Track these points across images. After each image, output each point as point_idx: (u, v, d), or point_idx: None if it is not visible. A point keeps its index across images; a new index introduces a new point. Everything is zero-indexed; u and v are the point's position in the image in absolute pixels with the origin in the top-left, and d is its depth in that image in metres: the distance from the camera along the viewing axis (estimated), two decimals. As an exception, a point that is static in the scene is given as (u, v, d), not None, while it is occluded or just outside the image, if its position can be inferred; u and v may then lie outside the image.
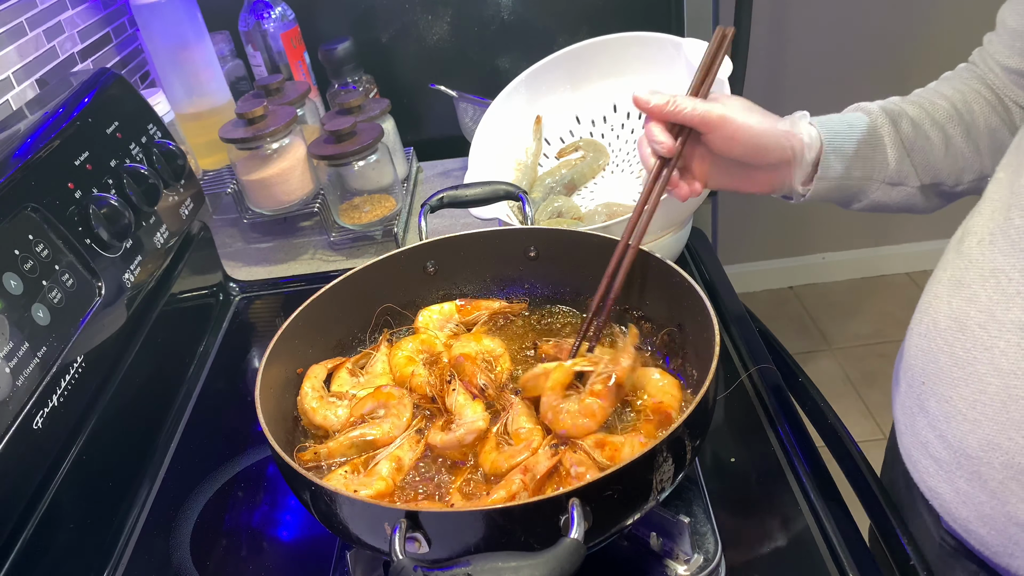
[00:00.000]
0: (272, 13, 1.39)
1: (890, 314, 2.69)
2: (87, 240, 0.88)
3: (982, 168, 0.82)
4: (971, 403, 0.66)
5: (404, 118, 1.45)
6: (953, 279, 0.71)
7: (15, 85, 1.12)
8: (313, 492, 0.63)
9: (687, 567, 0.71)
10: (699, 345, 0.75)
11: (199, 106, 1.35)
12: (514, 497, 0.64)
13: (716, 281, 1.12)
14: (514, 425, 0.72)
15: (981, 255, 0.67)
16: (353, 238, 1.29)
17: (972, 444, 0.66)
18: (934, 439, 0.71)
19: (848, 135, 0.79)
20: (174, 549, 0.83)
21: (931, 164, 0.81)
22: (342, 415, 0.77)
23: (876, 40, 2.34)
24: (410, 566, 0.53)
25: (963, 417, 0.67)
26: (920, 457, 0.73)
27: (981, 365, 0.65)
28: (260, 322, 1.20)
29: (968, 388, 0.66)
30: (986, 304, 0.65)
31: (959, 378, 0.67)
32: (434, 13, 1.51)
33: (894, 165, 0.80)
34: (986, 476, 0.65)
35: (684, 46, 1.10)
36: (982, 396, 0.65)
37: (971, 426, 0.66)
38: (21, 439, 0.72)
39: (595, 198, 1.21)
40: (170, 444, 0.97)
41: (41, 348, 0.77)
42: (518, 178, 1.23)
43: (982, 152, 0.81)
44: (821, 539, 0.75)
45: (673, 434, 0.60)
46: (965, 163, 0.81)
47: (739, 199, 2.54)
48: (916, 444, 0.74)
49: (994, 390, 0.64)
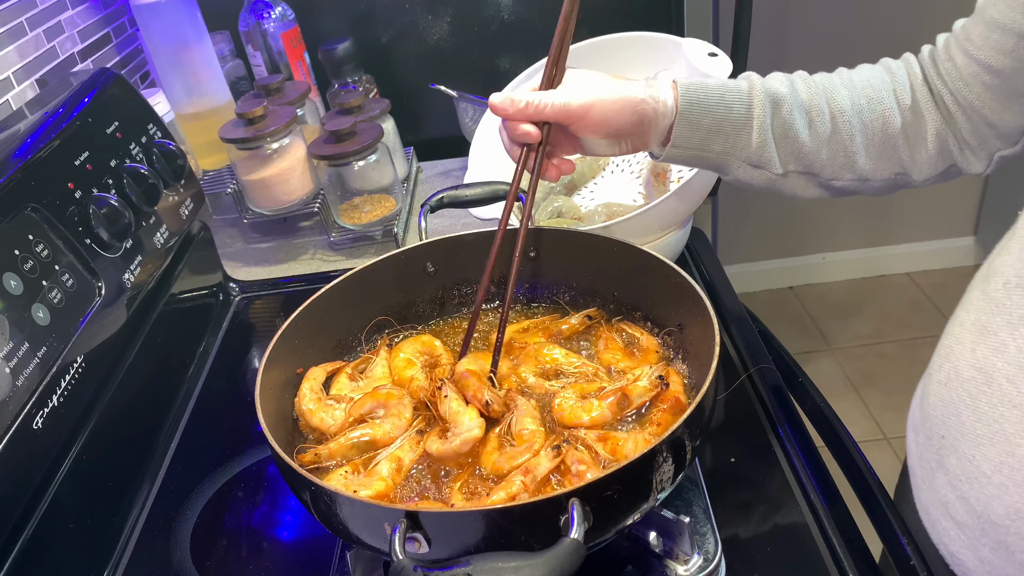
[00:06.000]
0: (272, 13, 1.39)
1: (890, 314, 2.69)
2: (87, 240, 0.88)
3: (861, 171, 0.79)
4: (997, 465, 0.60)
5: (404, 118, 1.45)
6: (978, 324, 0.65)
7: (15, 85, 1.12)
8: (313, 492, 0.63)
9: (687, 567, 0.71)
10: (699, 345, 0.75)
11: (199, 106, 1.35)
12: (514, 498, 0.64)
13: (716, 281, 1.12)
14: (518, 426, 0.72)
15: (1009, 299, 0.61)
16: (353, 238, 1.29)
17: (998, 511, 0.60)
18: (955, 500, 0.65)
19: (712, 108, 0.77)
20: (174, 549, 0.83)
21: (803, 154, 0.78)
22: (339, 417, 0.77)
23: (876, 40, 2.33)
24: (410, 566, 0.53)
25: (988, 480, 0.61)
26: (940, 517, 0.68)
27: (1010, 424, 0.59)
28: (260, 322, 1.20)
29: (994, 448, 0.60)
30: (1015, 355, 0.59)
31: (984, 436, 0.61)
32: (434, 13, 1.51)
33: (755, 148, 0.77)
34: (1014, 547, 0.59)
35: (684, 46, 1.10)
36: (1010, 459, 0.59)
37: (997, 491, 0.60)
38: (21, 439, 0.72)
39: (595, 198, 1.21)
40: (170, 444, 0.97)
41: (41, 348, 0.77)
42: (518, 178, 1.23)
43: (868, 154, 0.78)
44: (821, 539, 0.75)
45: (673, 434, 0.60)
46: (845, 161, 0.78)
47: (739, 199, 2.55)
48: (935, 502, 0.69)
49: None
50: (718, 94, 0.77)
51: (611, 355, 0.81)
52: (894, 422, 2.28)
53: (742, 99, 0.77)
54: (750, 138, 0.77)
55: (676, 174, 1.14)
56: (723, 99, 0.77)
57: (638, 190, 1.19)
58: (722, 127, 0.77)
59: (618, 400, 0.73)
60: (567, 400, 0.75)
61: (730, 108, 0.77)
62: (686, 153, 0.79)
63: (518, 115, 0.76)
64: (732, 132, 0.77)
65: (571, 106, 0.75)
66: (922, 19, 2.31)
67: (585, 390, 0.76)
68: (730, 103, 0.77)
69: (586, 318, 0.86)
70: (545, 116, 0.76)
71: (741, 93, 0.77)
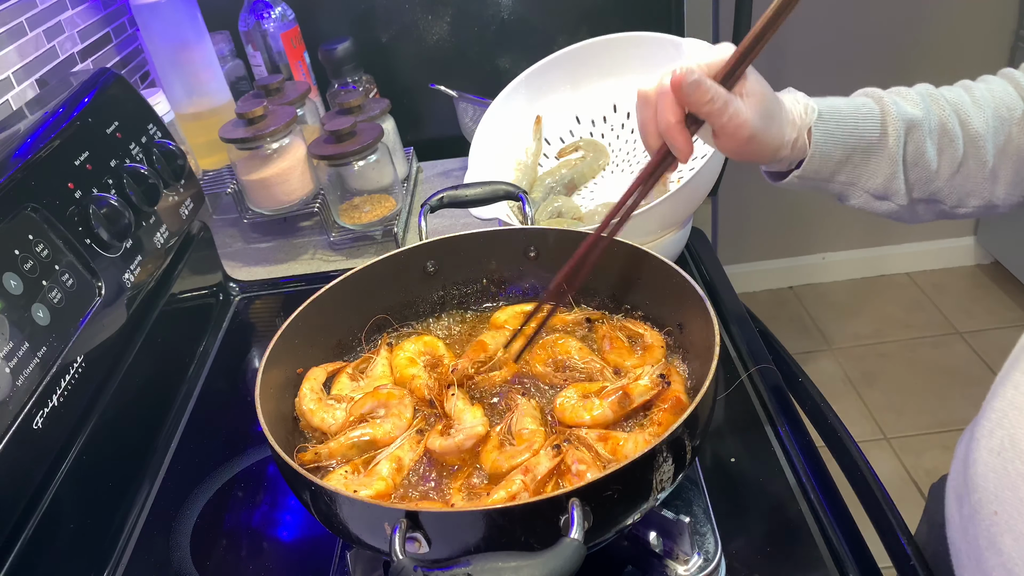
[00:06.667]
0: (272, 13, 1.39)
1: (890, 314, 2.69)
2: (87, 240, 0.88)
3: (992, 196, 0.74)
4: None
5: (404, 118, 1.45)
6: None
7: (15, 85, 1.12)
8: (313, 492, 0.63)
9: (687, 567, 0.71)
10: (699, 345, 0.75)
11: (199, 106, 1.35)
12: (514, 497, 0.64)
13: (716, 281, 1.12)
14: (518, 426, 0.73)
15: None
16: (353, 238, 1.29)
17: None
18: None
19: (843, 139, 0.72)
20: (174, 549, 0.83)
21: (931, 182, 0.74)
22: (340, 417, 0.77)
23: (877, 40, 2.34)
24: (410, 566, 0.53)
25: None
26: None
27: None
28: (260, 322, 1.20)
29: None
30: None
31: None
32: (434, 13, 1.51)
33: (883, 179, 0.74)
34: None
35: (684, 46, 1.10)
36: None
37: None
38: (21, 439, 0.72)
39: (595, 198, 1.21)
40: (170, 444, 0.97)
41: (41, 348, 0.77)
42: (518, 178, 1.23)
43: (999, 179, 0.73)
44: (821, 539, 0.75)
45: (673, 434, 0.60)
46: (974, 187, 0.74)
47: (739, 199, 2.55)
48: None
49: None
50: (852, 122, 0.72)
51: (616, 355, 0.81)
52: (894, 422, 2.29)
53: (874, 125, 0.72)
54: (879, 168, 0.72)
55: (676, 174, 1.14)
56: (856, 128, 0.72)
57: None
58: (851, 157, 0.72)
59: (619, 399, 0.73)
60: (568, 400, 0.75)
61: (862, 137, 0.72)
62: (807, 184, 0.74)
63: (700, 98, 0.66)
64: (861, 162, 0.73)
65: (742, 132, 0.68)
66: (922, 20, 2.31)
67: (587, 389, 0.76)
68: (863, 132, 0.72)
69: (585, 320, 0.86)
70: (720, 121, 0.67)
71: (873, 117, 0.72)
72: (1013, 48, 2.40)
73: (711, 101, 0.66)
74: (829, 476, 0.80)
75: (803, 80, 0.85)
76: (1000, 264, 2.74)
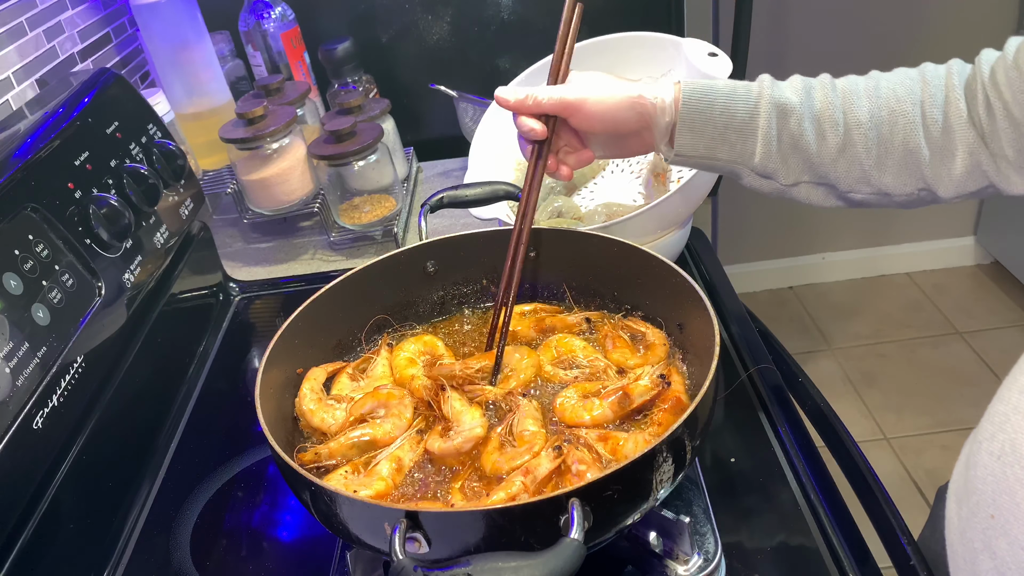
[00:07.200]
0: (272, 13, 1.39)
1: (890, 314, 2.69)
2: (87, 240, 0.88)
3: (880, 185, 0.76)
4: None
5: (404, 118, 1.45)
6: None
7: (15, 85, 1.12)
8: (313, 492, 0.63)
9: (687, 567, 0.71)
10: (699, 345, 0.75)
11: (199, 106, 1.35)
12: (514, 498, 0.64)
13: (716, 281, 1.12)
14: (519, 427, 0.73)
15: None
16: (353, 238, 1.29)
17: None
18: None
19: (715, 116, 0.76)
20: (174, 549, 0.83)
21: (814, 165, 0.76)
22: (340, 417, 0.77)
23: (877, 39, 2.34)
24: (410, 566, 0.53)
25: None
26: None
27: None
28: (260, 322, 1.20)
29: None
30: None
31: None
32: (434, 13, 1.51)
33: (760, 158, 0.76)
34: None
35: (684, 46, 1.10)
36: None
37: None
38: (21, 439, 0.72)
39: (595, 198, 1.21)
40: (170, 444, 0.97)
41: (41, 348, 0.77)
42: (518, 178, 1.23)
43: (886, 169, 0.75)
44: (821, 539, 0.75)
45: (673, 434, 0.60)
46: (862, 174, 0.76)
47: (739, 199, 2.54)
48: None
49: None
50: (723, 101, 0.76)
51: (620, 354, 0.81)
52: (894, 422, 2.28)
53: (748, 107, 0.76)
54: (754, 147, 0.76)
55: (676, 174, 1.14)
56: (727, 108, 0.76)
57: (638, 190, 1.19)
58: (725, 135, 0.76)
59: (619, 399, 0.73)
60: (569, 400, 0.75)
61: (733, 116, 0.76)
62: (692, 160, 0.79)
63: (519, 107, 0.80)
64: (737, 141, 0.76)
65: (567, 98, 0.78)
66: (921, 18, 2.31)
67: (587, 389, 0.76)
68: (734, 111, 0.76)
69: (585, 320, 0.86)
70: (544, 108, 0.79)
71: (748, 100, 0.76)
72: (1013, 48, 2.40)
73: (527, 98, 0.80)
74: (829, 476, 0.80)
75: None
76: (1000, 264, 2.74)
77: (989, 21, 2.34)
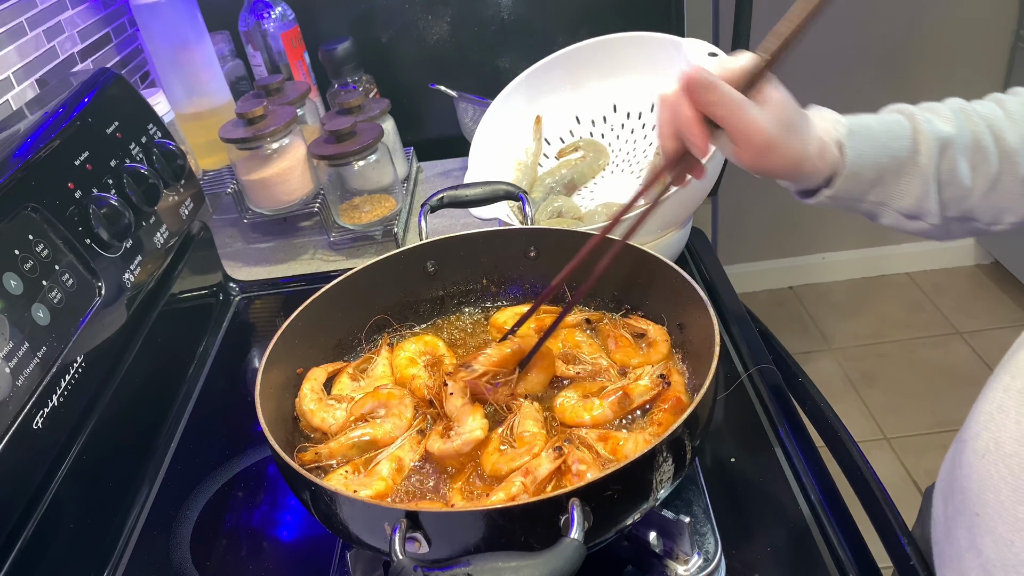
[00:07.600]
0: (272, 13, 1.39)
1: (890, 314, 2.69)
2: (87, 240, 0.88)
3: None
4: None
5: (404, 118, 1.45)
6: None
7: (15, 85, 1.12)
8: (313, 492, 0.63)
9: (687, 567, 0.71)
10: (699, 345, 0.75)
11: (199, 106, 1.35)
12: (514, 499, 0.64)
13: (716, 281, 1.12)
14: (519, 428, 0.73)
15: None
16: (353, 238, 1.29)
17: None
18: None
19: (875, 158, 0.70)
20: (174, 549, 0.83)
21: (965, 200, 0.72)
22: (340, 417, 0.77)
23: (876, 39, 2.34)
24: (410, 566, 0.53)
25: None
26: None
27: None
28: (260, 322, 1.20)
29: None
30: None
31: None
32: (434, 13, 1.51)
33: (913, 200, 0.71)
34: None
35: (684, 46, 1.10)
36: None
37: None
38: (21, 439, 0.72)
39: (595, 198, 1.21)
40: (170, 444, 0.97)
41: (41, 348, 0.77)
42: (518, 178, 1.23)
43: None
44: (821, 539, 0.75)
45: (673, 434, 0.60)
46: (1010, 204, 0.71)
47: (739, 199, 2.55)
48: None
49: None
50: (883, 140, 0.70)
51: (623, 353, 0.81)
52: (894, 422, 2.29)
53: (906, 144, 0.70)
54: (910, 187, 0.70)
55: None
56: (887, 146, 0.70)
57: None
58: (882, 176, 0.70)
59: (619, 399, 0.73)
60: (568, 400, 0.75)
61: (894, 156, 0.70)
62: (838, 204, 0.73)
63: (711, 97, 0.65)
64: (892, 181, 0.71)
65: (756, 138, 0.66)
66: (922, 20, 2.31)
67: (587, 389, 0.76)
68: (894, 150, 0.70)
69: (585, 321, 0.86)
70: (733, 124, 0.66)
71: (905, 136, 0.70)
72: (1013, 48, 2.40)
73: (722, 103, 0.64)
74: (829, 476, 0.80)
75: (803, 80, 0.85)
76: (1000, 264, 2.74)
77: (989, 22, 2.34)
